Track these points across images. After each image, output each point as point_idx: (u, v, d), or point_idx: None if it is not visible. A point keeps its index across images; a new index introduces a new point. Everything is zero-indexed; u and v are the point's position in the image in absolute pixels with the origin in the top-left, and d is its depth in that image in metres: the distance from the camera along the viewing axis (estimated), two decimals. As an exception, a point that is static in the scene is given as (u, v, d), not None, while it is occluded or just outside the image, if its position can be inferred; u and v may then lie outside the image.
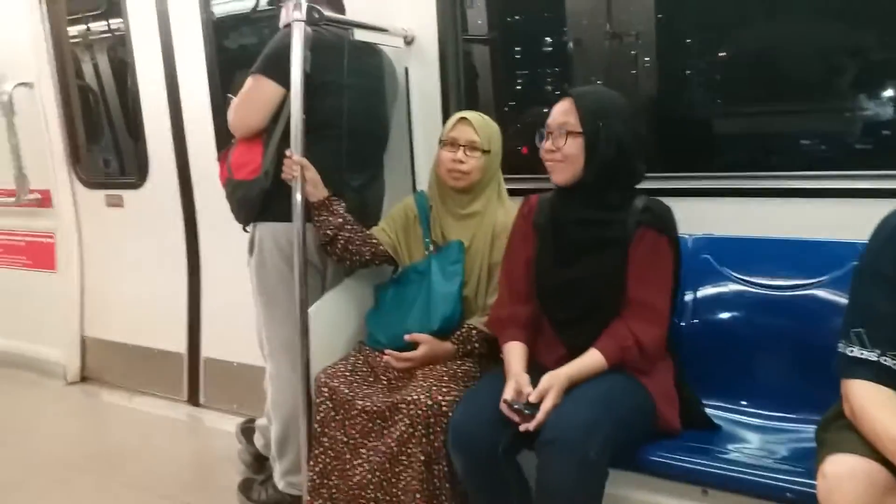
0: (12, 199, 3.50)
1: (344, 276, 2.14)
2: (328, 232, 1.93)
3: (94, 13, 3.44)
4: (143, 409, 3.19)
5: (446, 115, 2.27)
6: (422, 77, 2.33)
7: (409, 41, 2.32)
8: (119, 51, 3.34)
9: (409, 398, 1.66)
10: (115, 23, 3.31)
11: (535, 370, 1.59)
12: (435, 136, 2.06)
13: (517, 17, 2.86)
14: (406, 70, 2.33)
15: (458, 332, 1.87)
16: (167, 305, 3.21)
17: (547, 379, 1.51)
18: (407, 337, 1.85)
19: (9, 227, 3.72)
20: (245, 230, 2.18)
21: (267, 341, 2.18)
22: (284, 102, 1.97)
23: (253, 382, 2.51)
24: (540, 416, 1.45)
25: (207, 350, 3.17)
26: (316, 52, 1.95)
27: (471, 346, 1.86)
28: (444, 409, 1.63)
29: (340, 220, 1.94)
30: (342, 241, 1.94)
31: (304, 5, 1.83)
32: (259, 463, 2.41)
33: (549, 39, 2.75)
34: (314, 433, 1.82)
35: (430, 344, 1.84)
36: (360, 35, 2.22)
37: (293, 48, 1.82)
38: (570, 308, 1.64)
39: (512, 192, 2.03)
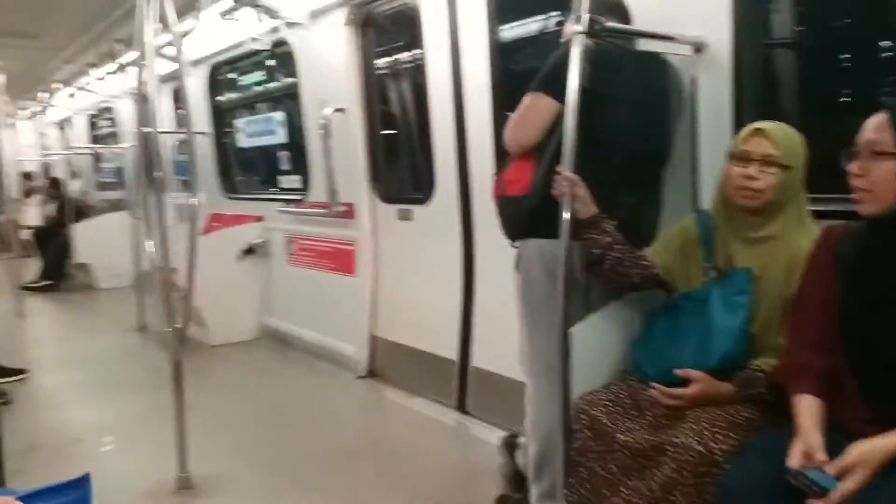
0: (325, 211, 4.02)
1: (611, 299, 2.02)
2: (595, 251, 1.84)
3: (398, 45, 3.80)
4: (418, 410, 3.40)
5: (738, 128, 2.03)
6: (712, 87, 2.12)
7: (698, 49, 2.13)
8: (415, 78, 3.64)
9: (676, 440, 1.49)
10: (414, 53, 3.61)
11: (834, 431, 1.31)
12: (723, 150, 1.85)
13: (832, 18, 2.46)
14: (693, 80, 2.14)
15: (741, 374, 1.63)
16: (444, 314, 3.40)
17: (857, 452, 1.22)
18: (678, 372, 1.67)
19: (321, 234, 4.28)
20: (513, 246, 2.19)
21: (528, 359, 2.15)
22: (560, 118, 1.93)
23: (518, 396, 2.50)
24: (837, 497, 1.18)
25: (477, 360, 3.27)
26: (595, 64, 1.87)
27: (755, 392, 1.61)
28: (717, 458, 1.43)
29: (609, 239, 1.84)
30: (610, 262, 1.84)
31: (586, 17, 1.77)
32: (519, 480, 2.39)
33: (871, 43, 2.31)
34: (571, 461, 1.73)
35: (704, 383, 1.64)
36: (644, 45, 2.10)
37: (571, 62, 1.77)
38: (883, 366, 1.33)
39: (818, 216, 1.74)
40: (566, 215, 1.79)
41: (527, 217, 2.07)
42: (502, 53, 3.07)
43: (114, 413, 3.49)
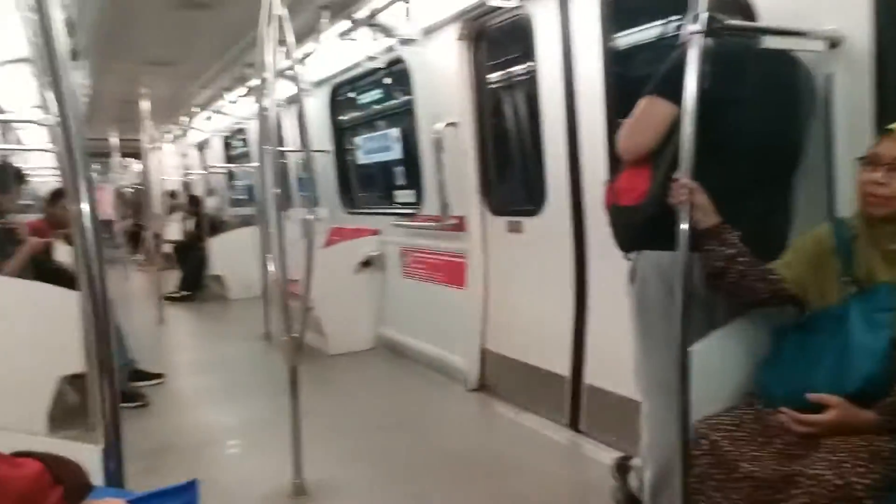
0: (437, 224, 4.06)
1: (736, 315, 1.88)
2: (717, 264, 1.72)
3: (509, 57, 3.80)
4: (528, 426, 3.34)
5: (880, 129, 1.84)
6: (849, 85, 1.93)
7: (834, 44, 1.95)
8: (527, 90, 3.61)
9: (810, 472, 1.35)
10: (526, 65, 3.59)
11: None
12: (863, 153, 1.68)
13: None
14: (828, 78, 1.96)
15: (886, 401, 1.46)
16: (555, 328, 3.32)
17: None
18: (812, 397, 1.52)
19: (433, 247, 4.32)
20: (627, 258, 2.10)
21: (643, 377, 2.05)
22: (677, 123, 1.83)
23: (634, 416, 2.39)
24: None
25: (590, 377, 3.17)
26: (716, 65, 1.75)
27: None
28: (858, 494, 1.29)
29: (733, 250, 1.71)
30: (733, 276, 1.71)
31: (704, 16, 1.67)
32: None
33: None
34: (690, 489, 1.61)
35: (842, 409, 1.48)
36: (772, 42, 1.95)
37: (688, 62, 1.68)
38: None
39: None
40: (684, 225, 1.69)
41: (642, 227, 1.98)
42: (617, 60, 2.99)
43: (239, 417, 3.68)
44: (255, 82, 5.83)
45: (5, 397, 3.03)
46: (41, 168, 8.31)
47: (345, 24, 4.29)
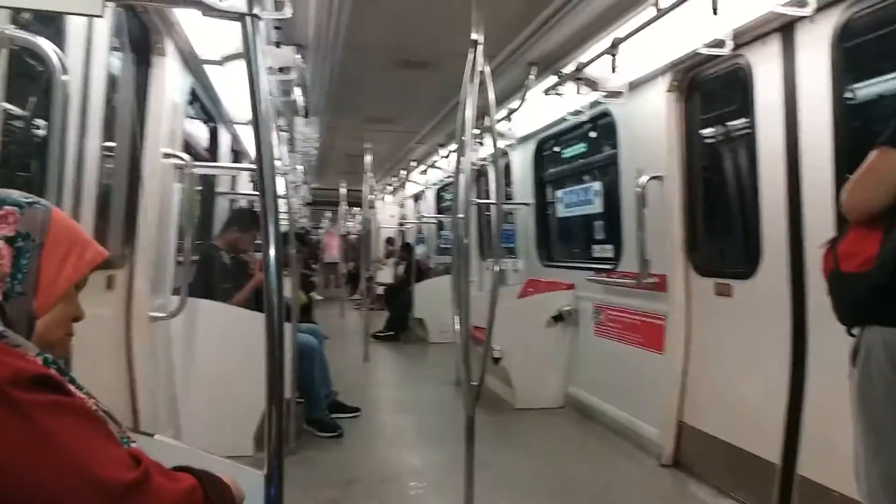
0: (634, 281, 3.85)
1: None
2: None
3: (723, 109, 3.56)
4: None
5: None
6: None
7: None
8: (743, 144, 3.34)
9: None
10: (742, 117, 3.33)
11: None
12: None
13: None
14: None
15: None
16: (766, 407, 2.94)
17: None
18: None
19: (630, 305, 4.10)
20: (850, 334, 1.79)
21: (865, 475, 1.71)
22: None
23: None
24: None
25: (805, 467, 2.74)
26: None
27: None
28: None
29: None
30: None
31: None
32: None
33: None
34: None
35: None
36: None
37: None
38: None
39: None
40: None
41: (868, 298, 1.69)
42: (850, 112, 2.67)
43: (423, 458, 3.74)
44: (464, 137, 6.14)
45: (220, 416, 3.40)
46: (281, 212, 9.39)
47: (551, 80, 4.34)
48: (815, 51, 2.71)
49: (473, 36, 2.52)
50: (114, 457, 0.89)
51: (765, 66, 3.00)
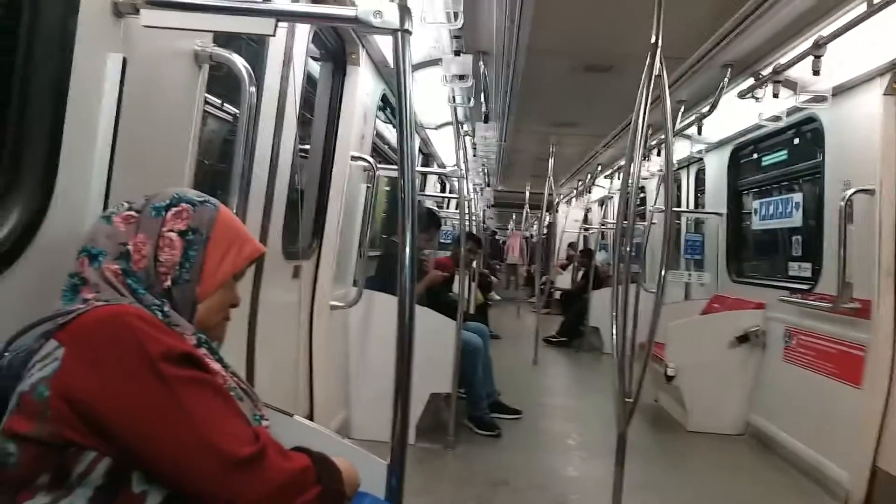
0: (833, 305, 3.45)
1: None
2: None
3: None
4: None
5: None
6: None
7: None
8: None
9: None
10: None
11: None
12: None
13: None
14: None
15: None
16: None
17: None
18: None
19: (826, 332, 3.68)
20: None
21: None
22: None
23: None
24: None
25: None
26: None
27: None
28: None
29: None
30: None
31: None
32: None
33: None
34: None
35: None
36: None
37: None
38: None
39: None
40: None
41: None
42: None
43: (578, 470, 3.66)
44: (654, 142, 5.89)
45: (385, 404, 3.59)
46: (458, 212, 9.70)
47: (747, 83, 4.03)
48: None
49: (653, 39, 2.45)
50: (236, 432, 1.00)
51: None
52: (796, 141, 4.68)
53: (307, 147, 3.39)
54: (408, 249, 1.31)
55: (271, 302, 2.56)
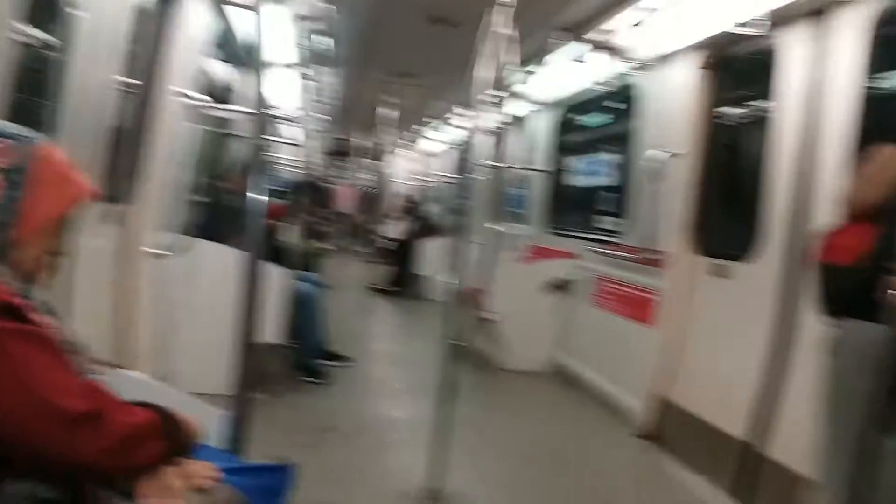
0: (634, 256, 3.86)
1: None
2: None
3: (746, 91, 3.50)
4: (693, 490, 3.04)
5: None
6: None
7: None
8: (761, 128, 3.28)
9: None
10: (763, 101, 3.27)
11: None
12: None
13: None
14: None
15: None
16: (745, 390, 2.96)
17: None
18: None
19: (627, 279, 4.11)
20: (832, 325, 1.80)
21: (826, 466, 1.74)
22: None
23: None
24: None
25: (774, 449, 2.77)
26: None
27: None
28: None
29: None
30: None
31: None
32: None
33: None
34: None
35: None
36: None
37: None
38: None
39: None
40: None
41: (852, 292, 1.69)
42: (877, 105, 2.61)
43: (406, 412, 3.81)
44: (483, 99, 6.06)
45: (210, 355, 3.43)
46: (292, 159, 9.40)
47: (579, 48, 4.26)
48: (848, 37, 2.65)
49: None
50: (70, 386, 0.93)
51: (793, 50, 2.94)
52: (617, 105, 5.06)
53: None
54: (258, 198, 1.26)
55: (90, 249, 2.34)
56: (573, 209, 5.90)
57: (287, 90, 5.55)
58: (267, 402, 3.58)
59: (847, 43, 2.65)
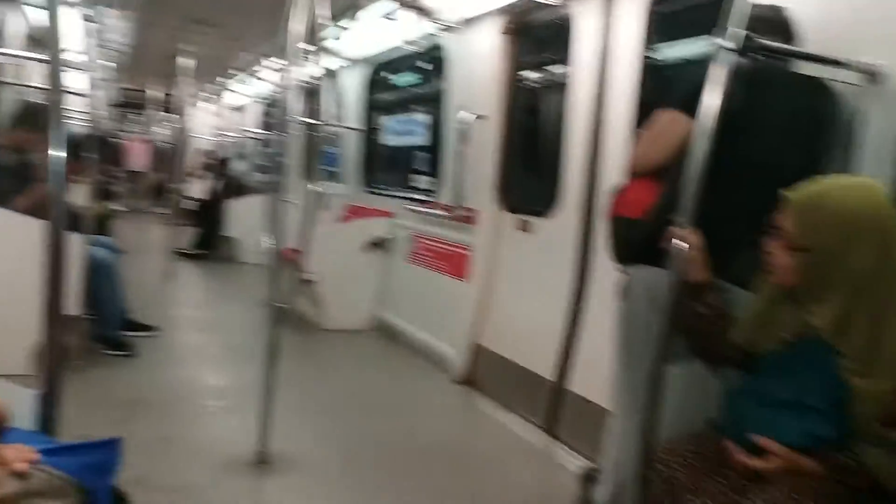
0: (447, 214, 4.03)
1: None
2: (686, 321, 1.63)
3: (545, 56, 3.73)
4: (507, 425, 3.30)
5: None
6: (882, 123, 1.83)
7: (872, 78, 1.84)
8: (558, 92, 3.54)
9: None
10: (559, 66, 3.52)
11: None
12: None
13: None
14: (861, 113, 1.86)
15: (836, 460, 1.36)
16: (548, 332, 3.25)
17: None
18: (759, 441, 1.41)
19: (442, 236, 4.29)
20: (622, 272, 2.03)
21: (619, 394, 1.99)
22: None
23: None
24: None
25: (575, 384, 3.10)
26: (741, 85, 1.65)
27: (847, 483, 1.34)
28: None
29: (704, 310, 1.63)
30: (697, 336, 1.66)
31: (740, 33, 1.57)
32: (590, 516, 2.22)
33: None
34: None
35: (786, 459, 1.38)
36: (805, 68, 1.86)
37: (712, 79, 1.59)
38: None
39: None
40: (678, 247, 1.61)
41: (640, 242, 1.91)
42: (654, 71, 2.92)
43: (223, 379, 3.68)
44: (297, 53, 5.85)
45: (4, 333, 3.04)
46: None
47: (390, 5, 4.25)
48: (631, 11, 2.91)
49: None
50: None
51: (585, 19, 3.16)
52: (426, 66, 5.16)
53: None
54: (58, 155, 1.12)
55: None
56: (389, 168, 5.96)
57: (66, 32, 4.90)
58: (71, 378, 3.27)
59: (630, 17, 2.92)
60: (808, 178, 1.64)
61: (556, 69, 3.63)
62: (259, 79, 7.89)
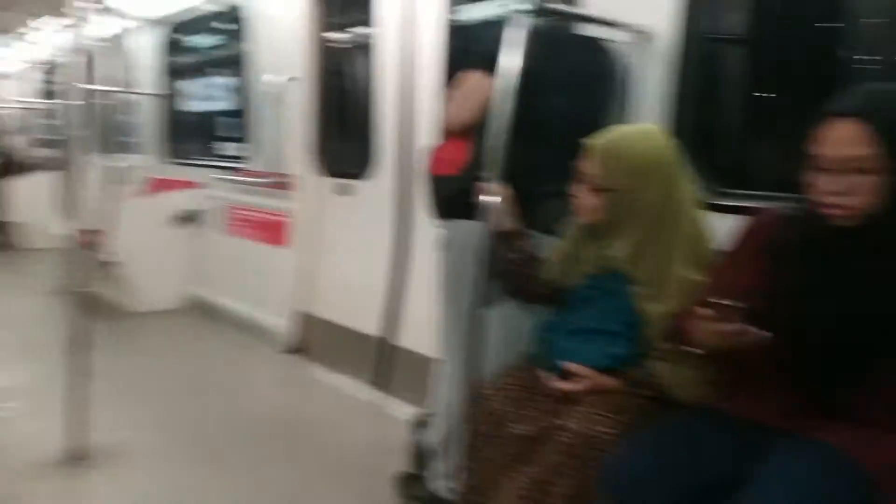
0: (263, 181, 3.91)
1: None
2: (501, 266, 1.80)
3: (354, 18, 3.70)
4: (338, 387, 3.34)
5: (675, 124, 2.01)
6: (651, 78, 2.09)
7: (642, 38, 2.08)
8: (367, 53, 3.53)
9: (562, 424, 1.49)
10: (367, 27, 3.52)
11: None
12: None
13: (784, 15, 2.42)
14: (633, 69, 2.10)
15: (632, 374, 1.59)
16: (375, 291, 3.30)
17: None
18: (565, 366, 1.62)
19: (259, 204, 4.15)
20: (441, 226, 2.13)
21: (445, 340, 2.11)
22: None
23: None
24: None
25: (403, 339, 3.20)
26: (533, 45, 1.79)
27: (643, 393, 1.57)
28: (601, 441, 1.44)
29: (515, 255, 1.81)
30: (511, 279, 1.83)
31: (534, -4, 1.70)
32: (424, 459, 2.35)
33: (823, 41, 2.25)
34: (471, 445, 1.69)
35: (591, 379, 1.59)
36: (585, 29, 2.05)
37: (507, 41, 1.71)
38: (820, 353, 1.28)
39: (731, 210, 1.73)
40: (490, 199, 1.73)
41: (456, 197, 2.01)
42: (458, 33, 2.99)
43: (16, 378, 3.33)
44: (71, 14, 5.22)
45: None
46: None
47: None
48: None
49: None
50: None
51: None
52: (231, 27, 4.86)
53: None
54: None
55: None
56: (192, 136, 5.57)
57: None
58: None
59: None
60: (596, 130, 1.85)
61: (366, 31, 3.62)
62: (30, 42, 6.96)
